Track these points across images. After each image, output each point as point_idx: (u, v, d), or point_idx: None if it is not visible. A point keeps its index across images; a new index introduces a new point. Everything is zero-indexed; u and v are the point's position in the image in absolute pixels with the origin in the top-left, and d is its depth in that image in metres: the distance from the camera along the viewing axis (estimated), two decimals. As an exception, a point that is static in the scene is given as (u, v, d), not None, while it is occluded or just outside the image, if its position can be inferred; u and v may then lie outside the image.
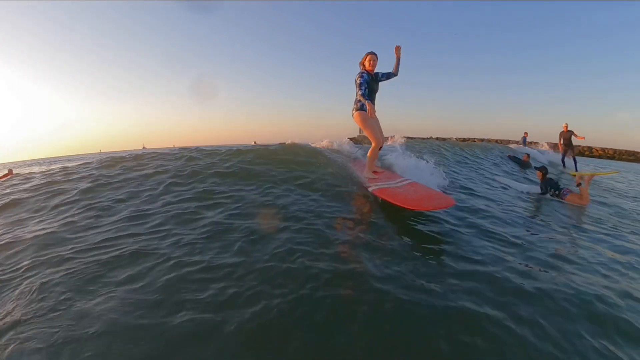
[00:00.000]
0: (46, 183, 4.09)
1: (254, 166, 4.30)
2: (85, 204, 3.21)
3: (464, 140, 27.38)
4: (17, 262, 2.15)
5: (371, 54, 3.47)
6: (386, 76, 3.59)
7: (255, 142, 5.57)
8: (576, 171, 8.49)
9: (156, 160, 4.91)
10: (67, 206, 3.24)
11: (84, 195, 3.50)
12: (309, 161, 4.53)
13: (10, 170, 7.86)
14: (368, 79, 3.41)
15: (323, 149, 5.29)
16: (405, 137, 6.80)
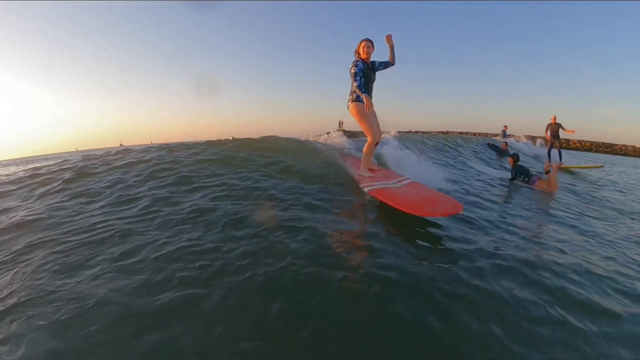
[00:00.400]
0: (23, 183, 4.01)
1: (235, 153, 4.51)
2: (73, 192, 3.29)
3: (444, 133, 28.20)
4: (9, 247, 2.21)
5: (366, 40, 3.26)
6: (384, 65, 3.34)
7: (233, 137, 5.66)
8: (560, 162, 8.47)
9: (140, 153, 4.98)
10: (55, 195, 3.30)
11: (69, 184, 3.56)
12: (290, 148, 4.71)
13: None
14: (363, 67, 3.18)
15: (306, 140, 5.47)
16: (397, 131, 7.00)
